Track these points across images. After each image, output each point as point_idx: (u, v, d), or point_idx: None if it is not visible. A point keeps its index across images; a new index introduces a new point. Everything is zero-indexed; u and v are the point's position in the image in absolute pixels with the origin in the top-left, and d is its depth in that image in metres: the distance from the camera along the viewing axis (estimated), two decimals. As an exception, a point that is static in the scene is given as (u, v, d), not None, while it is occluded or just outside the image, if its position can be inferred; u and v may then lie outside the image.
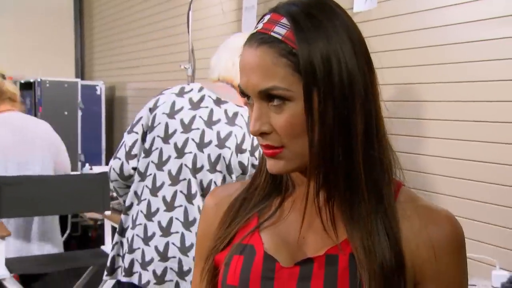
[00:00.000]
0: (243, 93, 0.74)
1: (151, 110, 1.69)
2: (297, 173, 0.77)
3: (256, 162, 1.60)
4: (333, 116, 0.70)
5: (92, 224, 3.87)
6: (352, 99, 0.71)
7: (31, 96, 4.39)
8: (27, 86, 4.45)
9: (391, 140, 0.76)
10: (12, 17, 4.85)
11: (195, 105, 1.65)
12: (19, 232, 2.69)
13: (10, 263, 2.51)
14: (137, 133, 1.70)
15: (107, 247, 2.88)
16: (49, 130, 2.87)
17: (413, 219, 0.75)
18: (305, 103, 0.70)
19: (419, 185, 1.85)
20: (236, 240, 0.80)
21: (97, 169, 3.76)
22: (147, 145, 1.66)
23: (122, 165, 1.71)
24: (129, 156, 1.69)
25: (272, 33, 0.71)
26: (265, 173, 0.81)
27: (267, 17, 0.73)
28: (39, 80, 4.25)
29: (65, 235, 3.33)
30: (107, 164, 4.39)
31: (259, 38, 0.71)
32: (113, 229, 2.98)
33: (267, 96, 0.71)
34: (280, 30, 0.70)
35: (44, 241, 2.77)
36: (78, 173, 3.91)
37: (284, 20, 0.71)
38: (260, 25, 0.73)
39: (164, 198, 1.62)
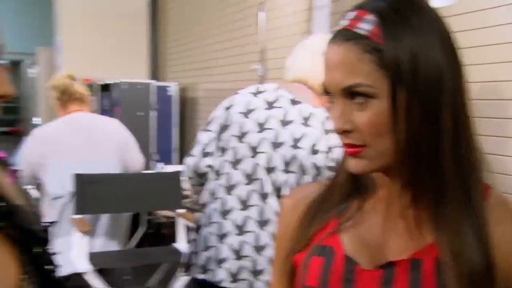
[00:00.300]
0: (326, 91, 0.73)
1: (226, 109, 1.71)
2: (379, 173, 0.76)
3: (332, 164, 1.59)
4: (420, 113, 0.68)
5: (165, 222, 3.96)
6: (439, 96, 0.69)
7: (108, 97, 4.56)
8: (105, 88, 4.63)
9: (478, 140, 0.73)
10: (92, 23, 5.06)
11: (270, 105, 1.66)
12: (93, 228, 2.78)
13: (91, 257, 2.61)
14: (212, 131, 1.72)
15: (179, 244, 2.94)
16: (118, 129, 2.90)
17: (506, 223, 0.71)
18: (390, 100, 0.68)
19: (508, 188, 1.76)
20: (315, 242, 0.79)
21: (169, 168, 3.84)
22: (222, 143, 1.69)
23: (197, 162, 1.74)
24: (204, 153, 1.72)
25: (357, 29, 0.70)
26: (346, 173, 0.80)
27: (352, 14, 0.72)
28: (116, 82, 4.41)
29: (140, 232, 3.43)
30: (179, 163, 4.50)
31: (344, 35, 0.71)
32: (186, 227, 3.04)
33: (351, 93, 0.70)
34: (366, 26, 0.69)
35: (111, 237, 2.85)
36: (152, 171, 4.02)
37: (370, 16, 0.70)
38: (345, 22, 0.72)
39: (239, 197, 1.63)
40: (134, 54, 5.28)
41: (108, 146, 2.78)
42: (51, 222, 2.61)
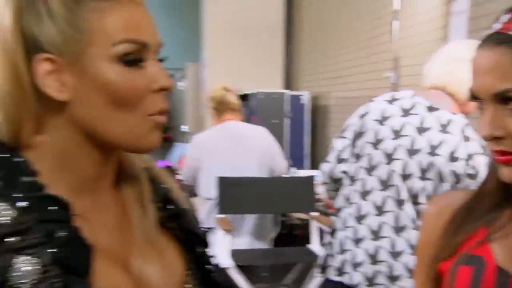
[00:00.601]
0: (473, 97, 0.69)
1: (361, 116, 1.67)
2: None
3: (472, 172, 1.48)
4: None
5: (298, 224, 3.99)
6: None
7: (246, 106, 4.71)
8: (243, 98, 4.79)
9: None
10: (234, 39, 5.27)
11: (406, 112, 1.59)
12: (236, 228, 2.88)
13: (233, 254, 2.71)
14: (347, 138, 1.70)
15: (313, 246, 2.94)
16: (266, 136, 2.98)
17: None
18: None
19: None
20: (462, 250, 0.74)
21: (301, 173, 3.86)
22: (356, 150, 1.65)
23: (332, 168, 1.72)
24: (339, 160, 1.70)
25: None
26: (496, 181, 0.73)
27: (506, 17, 0.66)
28: (253, 92, 4.54)
29: (276, 232, 3.48)
30: (311, 168, 4.52)
31: (496, 38, 0.65)
32: (319, 230, 3.03)
33: (503, 98, 0.65)
34: None
35: (255, 237, 2.92)
36: (286, 176, 4.07)
37: None
38: (498, 25, 0.66)
39: (374, 203, 1.59)
40: (270, 66, 5.40)
41: (257, 153, 2.89)
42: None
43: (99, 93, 0.60)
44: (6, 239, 0.55)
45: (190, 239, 0.74)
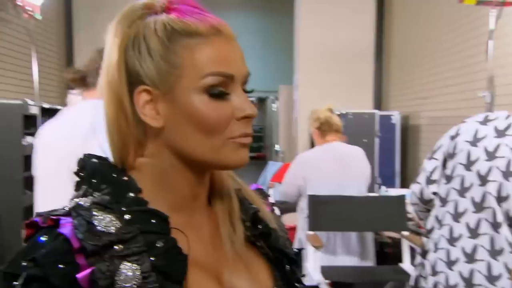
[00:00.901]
0: None
1: (452, 137, 1.59)
2: None
3: None
4: None
5: (388, 242, 3.84)
6: None
7: (337, 126, 4.66)
8: (333, 118, 4.75)
9: None
10: (324, 63, 5.27)
11: (501, 133, 1.48)
12: (327, 244, 2.84)
13: (324, 271, 2.66)
14: (437, 159, 1.62)
15: (405, 265, 2.81)
16: (364, 157, 2.98)
17: None
18: None
19: None
20: None
21: (392, 191, 3.73)
22: (448, 171, 1.57)
23: (422, 189, 1.65)
24: (429, 181, 1.62)
25: None
26: None
27: None
28: (343, 112, 4.49)
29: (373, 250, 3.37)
30: (401, 187, 4.35)
31: None
32: (410, 248, 2.89)
33: None
34: None
35: (348, 254, 2.85)
36: (376, 194, 3.95)
37: None
38: None
39: (467, 225, 1.49)
40: (360, 87, 5.32)
41: (357, 173, 2.88)
42: None
43: (188, 121, 0.64)
44: (114, 247, 0.59)
45: (279, 257, 0.74)
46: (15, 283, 0.57)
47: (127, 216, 0.62)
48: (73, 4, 5.05)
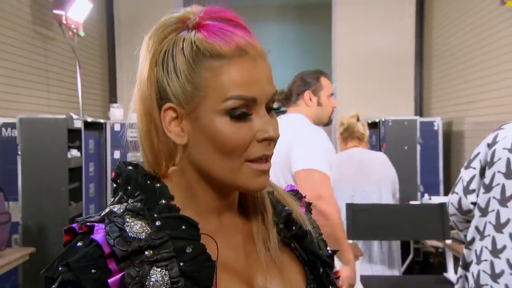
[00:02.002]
0: None
1: (489, 145, 1.53)
2: None
3: None
4: None
5: (433, 251, 3.74)
6: None
7: (376, 134, 4.59)
8: (373, 125, 4.69)
9: None
10: (363, 70, 5.22)
11: None
12: (365, 253, 2.80)
13: (364, 280, 2.62)
14: (474, 168, 1.56)
15: (449, 274, 2.73)
16: (387, 162, 2.93)
17: None
18: None
19: None
20: None
21: (435, 199, 3.64)
22: (486, 180, 1.51)
23: (460, 199, 1.60)
24: (467, 191, 1.57)
25: None
26: None
27: None
28: (383, 119, 4.42)
29: (408, 260, 3.30)
30: (445, 194, 4.23)
31: None
32: (454, 257, 2.81)
33: None
34: None
35: (385, 263, 2.81)
36: (418, 202, 3.86)
37: None
38: None
39: (511, 235, 1.43)
40: (400, 93, 5.23)
41: (378, 178, 2.84)
42: None
43: (208, 141, 0.65)
44: (145, 252, 0.61)
45: (312, 260, 0.74)
46: (53, 286, 0.60)
47: (157, 223, 0.63)
48: (114, 20, 5.21)
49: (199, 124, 0.65)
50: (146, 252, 0.61)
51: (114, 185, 0.71)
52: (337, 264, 2.30)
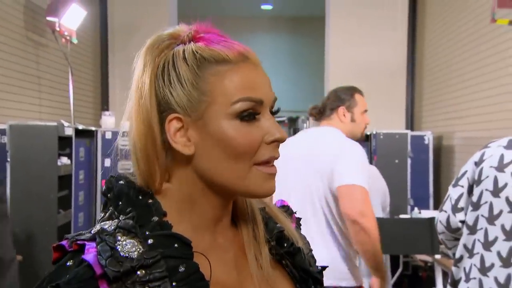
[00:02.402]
0: None
1: (476, 163, 1.55)
2: None
3: None
4: None
5: (422, 265, 3.75)
6: None
7: (367, 146, 4.62)
8: (364, 138, 4.71)
9: None
10: (354, 81, 5.22)
11: None
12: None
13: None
14: (462, 186, 1.58)
15: (437, 290, 2.74)
16: (378, 175, 2.97)
17: None
18: None
19: None
20: None
21: (425, 213, 3.66)
22: (474, 198, 1.52)
23: (448, 218, 1.61)
24: (455, 209, 1.58)
25: None
26: None
27: None
28: (374, 132, 4.45)
29: (397, 273, 3.31)
30: (435, 208, 4.25)
31: None
32: (443, 272, 2.82)
33: None
34: None
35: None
36: (408, 216, 3.87)
37: None
38: None
39: (499, 253, 1.44)
40: (391, 107, 5.26)
41: (369, 190, 2.84)
42: None
43: (218, 146, 0.65)
44: (137, 272, 0.60)
45: (304, 277, 0.74)
46: None
47: (150, 241, 0.62)
48: (108, 28, 5.21)
49: (208, 130, 0.65)
50: (139, 272, 0.60)
51: (104, 199, 0.69)
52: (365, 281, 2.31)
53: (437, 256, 2.77)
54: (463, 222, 1.57)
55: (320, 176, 1.97)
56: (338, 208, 1.96)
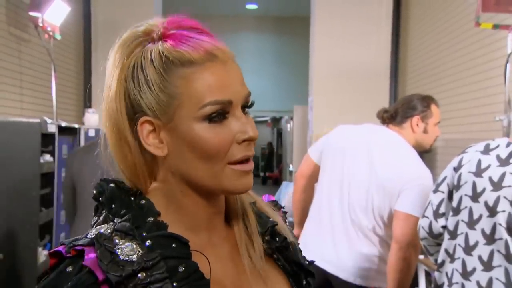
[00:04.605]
0: None
1: (455, 169, 1.58)
2: None
3: None
4: None
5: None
6: None
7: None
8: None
9: None
10: (339, 84, 5.28)
11: (504, 162, 1.47)
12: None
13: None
14: (443, 192, 1.61)
15: (420, 289, 2.77)
16: None
17: None
18: None
19: None
20: None
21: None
22: (454, 203, 1.55)
23: (430, 223, 1.63)
24: (437, 214, 1.61)
25: None
26: None
27: None
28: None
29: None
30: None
31: None
32: (426, 272, 2.86)
33: None
34: None
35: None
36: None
37: None
38: None
39: (480, 258, 1.46)
40: (375, 108, 5.27)
41: None
42: None
43: (189, 148, 0.65)
44: (138, 275, 0.60)
45: (296, 270, 0.76)
46: None
47: (148, 242, 0.62)
48: (91, 25, 5.16)
49: (178, 133, 0.65)
50: (140, 275, 0.60)
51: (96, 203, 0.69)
52: None
53: (421, 257, 2.81)
54: (444, 227, 1.59)
55: (383, 189, 1.99)
56: (389, 222, 1.99)
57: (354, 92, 5.28)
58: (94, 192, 0.69)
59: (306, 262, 0.80)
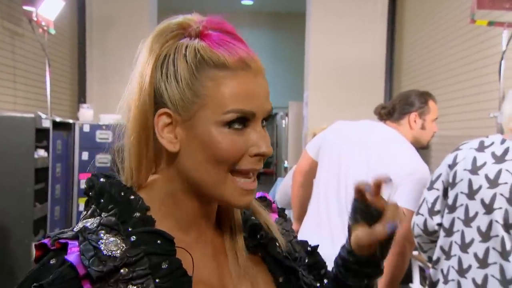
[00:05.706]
0: None
1: (450, 166, 1.58)
2: None
3: None
4: None
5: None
6: None
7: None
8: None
9: None
10: (334, 80, 5.28)
11: (499, 159, 1.47)
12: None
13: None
14: (437, 189, 1.61)
15: (415, 285, 2.79)
16: None
17: None
18: None
19: None
20: None
21: (402, 210, 3.71)
22: (450, 201, 1.55)
23: (425, 221, 1.63)
24: (432, 212, 1.61)
25: None
26: None
27: None
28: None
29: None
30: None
31: None
32: (420, 268, 2.87)
33: None
34: None
35: None
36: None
37: None
38: None
39: (475, 255, 1.47)
40: (370, 104, 5.27)
41: None
42: None
43: (202, 149, 0.65)
44: (120, 270, 0.60)
45: (279, 267, 0.75)
46: None
47: (132, 238, 0.62)
48: (86, 20, 5.13)
49: (195, 132, 0.65)
50: (122, 271, 0.59)
51: (86, 197, 0.69)
52: None
53: (415, 252, 2.82)
54: (440, 224, 1.59)
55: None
56: None
57: (349, 88, 5.29)
58: (85, 186, 0.69)
59: (309, 249, 0.80)
